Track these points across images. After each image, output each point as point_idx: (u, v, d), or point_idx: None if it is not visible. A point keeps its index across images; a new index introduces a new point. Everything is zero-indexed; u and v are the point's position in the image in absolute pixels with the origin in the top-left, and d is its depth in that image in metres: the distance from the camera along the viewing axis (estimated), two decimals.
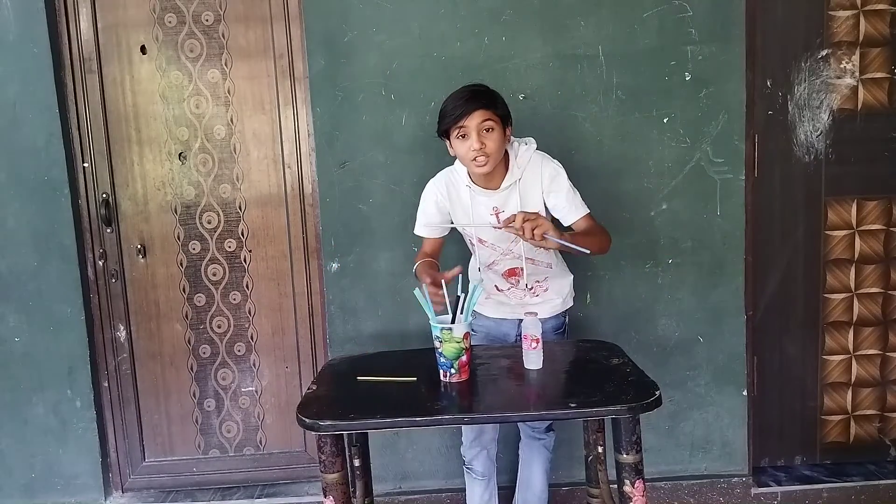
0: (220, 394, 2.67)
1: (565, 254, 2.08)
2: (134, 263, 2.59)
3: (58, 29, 2.44)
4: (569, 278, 2.16)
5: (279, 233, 2.59)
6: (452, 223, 2.04)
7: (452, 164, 2.03)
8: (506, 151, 1.92)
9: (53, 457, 2.56)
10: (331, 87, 2.38)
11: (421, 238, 2.09)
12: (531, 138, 1.99)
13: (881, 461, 2.65)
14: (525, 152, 1.94)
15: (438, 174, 2.05)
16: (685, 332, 2.49)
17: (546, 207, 1.97)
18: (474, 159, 1.84)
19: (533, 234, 1.68)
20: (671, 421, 2.53)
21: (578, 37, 2.36)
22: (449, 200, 2.01)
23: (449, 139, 1.89)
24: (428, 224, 2.05)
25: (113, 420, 2.64)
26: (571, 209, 1.94)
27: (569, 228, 1.97)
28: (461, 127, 1.82)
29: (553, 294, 2.11)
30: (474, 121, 1.80)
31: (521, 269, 2.03)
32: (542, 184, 1.94)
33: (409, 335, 2.45)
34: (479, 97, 1.83)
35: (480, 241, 2.02)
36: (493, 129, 1.82)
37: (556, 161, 1.97)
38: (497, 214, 1.97)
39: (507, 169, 1.94)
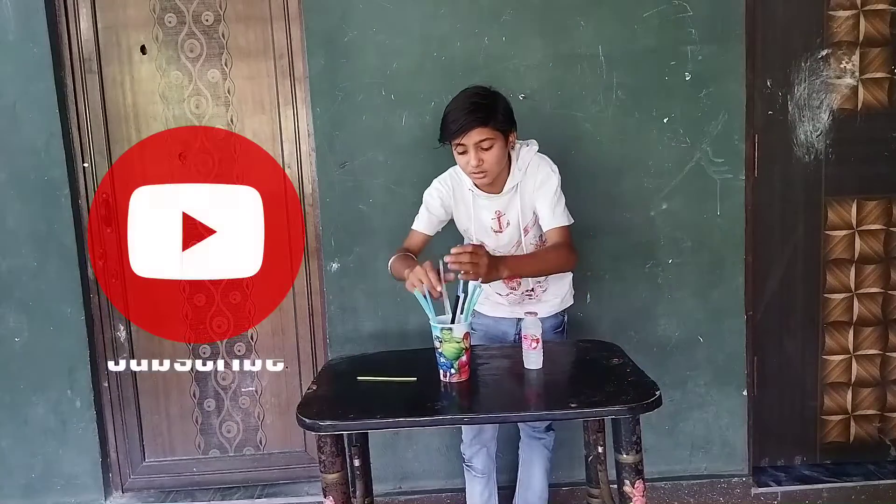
0: (220, 394, 2.67)
1: None
2: None
3: (58, 29, 2.44)
4: (567, 278, 2.15)
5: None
6: (441, 225, 2.02)
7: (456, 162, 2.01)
8: (508, 154, 1.90)
9: (53, 457, 2.56)
10: (331, 87, 2.38)
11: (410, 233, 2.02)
12: (533, 140, 1.97)
13: (881, 461, 2.65)
14: (526, 155, 1.92)
15: (445, 173, 2.03)
16: (685, 332, 2.49)
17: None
18: (472, 173, 1.84)
19: (468, 272, 1.63)
20: (671, 421, 2.53)
21: (578, 37, 2.36)
22: (453, 199, 1.99)
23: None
24: (429, 220, 2.00)
25: (113, 420, 2.64)
26: (549, 217, 1.89)
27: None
28: (458, 144, 1.81)
29: (551, 295, 2.10)
30: (472, 139, 1.78)
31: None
32: (535, 185, 1.91)
33: (409, 335, 2.45)
34: (478, 111, 1.77)
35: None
36: (491, 145, 1.79)
37: (553, 166, 1.93)
38: (499, 218, 1.96)
39: (509, 172, 1.91)
